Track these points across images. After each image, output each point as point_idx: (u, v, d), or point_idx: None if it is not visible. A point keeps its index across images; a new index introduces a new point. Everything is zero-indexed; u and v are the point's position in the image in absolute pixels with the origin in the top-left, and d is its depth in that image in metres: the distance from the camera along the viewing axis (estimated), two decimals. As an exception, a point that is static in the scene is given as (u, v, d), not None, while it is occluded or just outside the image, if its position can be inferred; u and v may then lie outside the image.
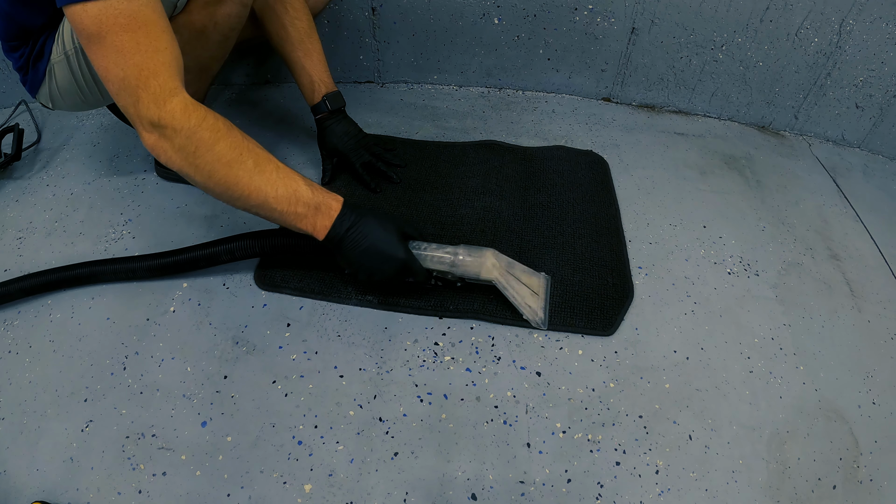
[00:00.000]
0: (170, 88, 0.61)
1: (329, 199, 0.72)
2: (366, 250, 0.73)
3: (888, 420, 0.80)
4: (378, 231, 0.73)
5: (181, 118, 0.61)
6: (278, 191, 0.67)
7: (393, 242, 0.74)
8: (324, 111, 1.05)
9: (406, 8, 1.31)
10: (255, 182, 0.65)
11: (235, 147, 0.64)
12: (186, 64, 0.91)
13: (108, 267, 0.88)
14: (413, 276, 0.78)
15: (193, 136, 0.62)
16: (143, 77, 0.60)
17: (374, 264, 0.75)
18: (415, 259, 0.77)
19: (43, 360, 0.82)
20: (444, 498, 0.69)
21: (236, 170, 0.64)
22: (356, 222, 0.72)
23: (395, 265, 0.75)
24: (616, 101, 1.44)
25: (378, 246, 0.73)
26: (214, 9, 0.85)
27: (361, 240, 0.72)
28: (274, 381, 0.80)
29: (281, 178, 0.67)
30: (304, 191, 0.69)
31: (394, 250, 0.74)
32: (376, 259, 0.74)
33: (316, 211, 0.70)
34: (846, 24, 1.21)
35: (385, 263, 0.74)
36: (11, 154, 1.14)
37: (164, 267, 0.87)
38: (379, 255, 0.73)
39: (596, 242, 1.01)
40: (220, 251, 0.85)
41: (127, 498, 0.68)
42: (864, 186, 1.25)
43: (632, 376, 0.82)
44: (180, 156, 0.63)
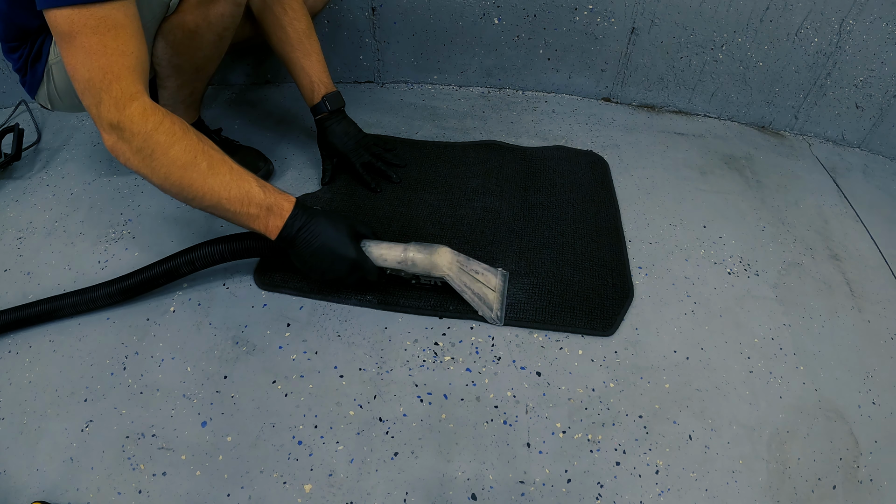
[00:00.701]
0: (131, 93, 0.63)
1: (281, 200, 0.73)
2: (317, 250, 0.74)
3: (888, 420, 0.80)
4: (329, 230, 0.74)
5: (139, 122, 0.63)
6: (231, 192, 0.68)
7: (344, 242, 0.75)
8: (323, 111, 1.05)
9: (406, 8, 1.31)
10: (209, 184, 0.67)
11: (190, 150, 0.66)
12: (181, 64, 0.92)
13: (67, 301, 0.82)
14: (365, 274, 0.79)
15: (150, 139, 0.64)
16: (107, 80, 0.62)
17: (325, 263, 0.76)
18: (366, 258, 0.79)
19: (43, 360, 0.82)
20: (444, 498, 0.69)
21: (190, 172, 0.66)
22: (308, 222, 0.74)
23: (346, 264, 0.76)
24: (616, 101, 1.44)
25: (329, 245, 0.74)
26: (207, 9, 0.85)
27: (313, 239, 0.74)
28: (274, 381, 0.80)
29: (234, 179, 0.69)
30: (257, 192, 0.70)
31: (344, 249, 0.75)
32: (327, 258, 0.75)
33: (268, 211, 0.72)
34: (846, 24, 1.21)
35: (336, 262, 0.76)
36: (11, 154, 1.14)
37: (124, 291, 0.82)
38: (330, 254, 0.75)
39: (596, 242, 1.01)
40: (180, 264, 0.81)
41: (127, 498, 0.68)
42: (864, 186, 1.25)
43: (632, 376, 0.82)
44: (137, 158, 0.65)
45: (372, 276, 0.80)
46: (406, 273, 0.83)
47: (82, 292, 0.83)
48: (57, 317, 0.84)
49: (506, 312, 0.87)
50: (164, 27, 0.86)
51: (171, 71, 0.93)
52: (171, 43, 0.88)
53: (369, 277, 0.80)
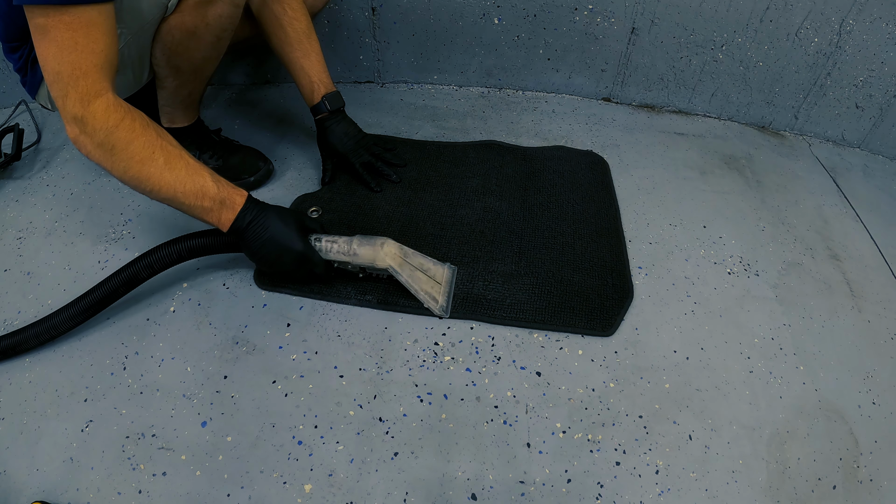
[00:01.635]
0: (96, 90, 0.66)
1: (234, 195, 0.76)
2: (266, 242, 0.77)
3: (888, 420, 0.80)
4: (277, 224, 0.77)
5: (101, 118, 0.66)
6: (186, 186, 0.72)
7: (291, 235, 0.78)
8: (323, 111, 1.05)
9: (406, 8, 1.31)
10: (165, 178, 0.70)
11: (148, 146, 0.69)
12: (179, 65, 0.92)
13: (29, 333, 0.78)
14: (312, 266, 0.82)
15: (111, 135, 0.67)
16: (75, 76, 0.65)
17: (273, 255, 0.79)
18: (313, 251, 0.81)
19: (43, 360, 0.82)
20: (444, 498, 0.69)
21: (148, 167, 0.69)
22: (258, 216, 0.77)
23: (293, 256, 0.79)
24: (616, 101, 1.44)
25: (277, 238, 0.77)
26: (206, 9, 0.85)
27: (262, 232, 0.77)
28: (274, 381, 0.80)
29: (189, 174, 0.72)
30: (211, 186, 0.73)
31: (292, 242, 0.78)
32: (275, 250, 0.78)
33: (221, 205, 0.75)
34: (846, 24, 1.21)
35: (284, 255, 0.79)
36: (11, 154, 1.14)
37: (86, 309, 0.80)
38: (278, 246, 0.78)
39: (596, 243, 1.01)
40: (139, 269, 0.80)
41: (127, 498, 0.68)
42: (864, 186, 1.25)
43: (632, 376, 0.82)
44: (99, 151, 0.68)
45: (319, 268, 0.82)
46: (353, 266, 0.84)
47: (44, 321, 0.79)
48: (21, 350, 0.80)
49: (452, 305, 0.88)
50: (163, 28, 0.86)
51: (170, 71, 0.93)
52: (170, 44, 0.88)
53: (316, 270, 0.82)
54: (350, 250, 0.82)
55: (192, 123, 1.08)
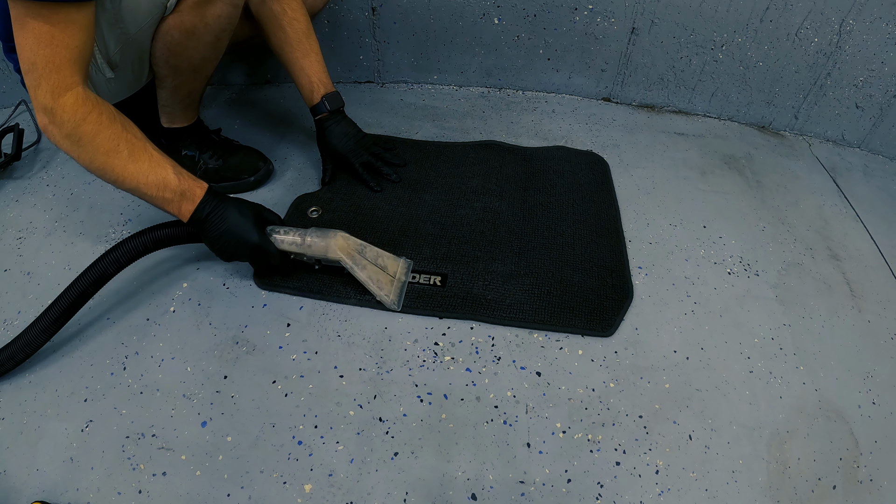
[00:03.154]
0: (67, 84, 0.69)
1: (194, 187, 0.79)
2: (223, 233, 0.80)
3: (888, 420, 0.80)
4: (235, 216, 0.80)
5: (70, 111, 0.69)
6: (149, 178, 0.75)
7: (248, 227, 0.81)
8: (323, 112, 1.05)
9: (406, 8, 1.31)
10: (129, 169, 0.73)
11: (114, 139, 0.72)
12: (178, 65, 0.92)
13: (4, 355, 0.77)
14: (268, 257, 0.84)
15: (78, 128, 0.70)
16: (48, 69, 0.67)
17: (230, 245, 0.82)
18: (269, 242, 0.83)
19: (43, 360, 0.82)
20: (444, 498, 0.69)
21: (113, 158, 0.72)
22: (216, 208, 0.80)
23: (248, 247, 0.81)
24: (616, 101, 1.44)
25: (233, 229, 0.80)
26: (205, 10, 0.85)
27: (220, 223, 0.80)
28: (274, 381, 0.80)
29: (152, 166, 0.75)
30: (172, 178, 0.76)
31: (248, 234, 0.81)
32: (232, 241, 0.81)
33: (182, 196, 0.78)
34: (846, 24, 1.21)
35: (240, 245, 0.81)
36: (11, 154, 1.14)
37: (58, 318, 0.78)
38: (234, 237, 0.80)
39: (595, 243, 1.01)
40: (107, 265, 0.80)
41: (127, 498, 0.68)
42: (864, 186, 1.25)
43: (632, 376, 0.82)
44: (67, 142, 0.71)
45: (274, 259, 0.85)
46: (307, 257, 0.87)
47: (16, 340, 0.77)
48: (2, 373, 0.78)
49: (404, 299, 0.89)
50: (162, 28, 0.86)
51: (169, 71, 0.93)
52: (169, 44, 0.88)
53: (272, 261, 0.85)
54: (303, 242, 0.84)
55: (192, 123, 1.08)
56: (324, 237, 0.84)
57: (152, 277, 0.94)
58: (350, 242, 0.86)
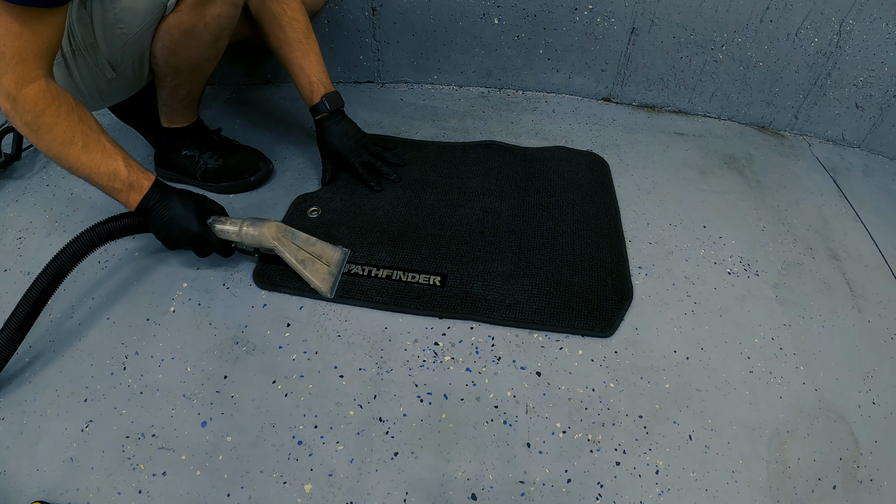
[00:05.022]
0: (32, 76, 0.72)
1: (142, 179, 0.83)
2: (166, 222, 0.84)
3: (888, 420, 0.80)
4: (177, 207, 0.84)
5: (31, 102, 0.72)
6: (100, 168, 0.79)
7: (189, 217, 0.84)
8: (323, 112, 1.05)
9: (406, 8, 1.31)
10: (82, 159, 0.77)
11: (70, 130, 0.76)
12: (178, 64, 0.92)
13: None
14: (209, 246, 0.88)
15: (38, 118, 0.73)
16: (15, 60, 0.70)
17: (173, 235, 0.85)
18: (210, 232, 0.87)
19: (43, 360, 0.82)
20: (444, 498, 0.69)
21: (68, 148, 0.76)
22: (161, 199, 0.84)
23: (190, 236, 0.85)
24: (616, 101, 1.44)
25: (176, 219, 0.84)
26: (204, 9, 0.85)
27: (164, 213, 0.84)
28: (274, 381, 0.80)
29: (104, 158, 0.79)
30: (122, 170, 0.80)
31: (189, 224, 0.85)
32: (175, 230, 0.85)
33: (130, 187, 0.81)
34: (846, 24, 1.21)
35: (182, 235, 0.85)
36: (11, 154, 1.14)
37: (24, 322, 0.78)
38: (177, 227, 0.84)
39: (595, 243, 1.01)
40: (65, 261, 0.80)
41: (127, 498, 0.68)
42: (864, 186, 1.25)
43: (632, 376, 0.82)
44: (26, 129, 0.75)
45: (215, 248, 0.89)
46: (246, 246, 0.91)
47: None
48: None
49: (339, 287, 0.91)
50: (161, 27, 0.86)
51: (169, 71, 0.93)
52: (168, 43, 0.88)
53: (214, 249, 0.89)
54: (241, 231, 0.87)
55: (191, 123, 1.08)
56: (258, 226, 0.87)
57: (152, 277, 0.94)
58: (284, 231, 0.89)
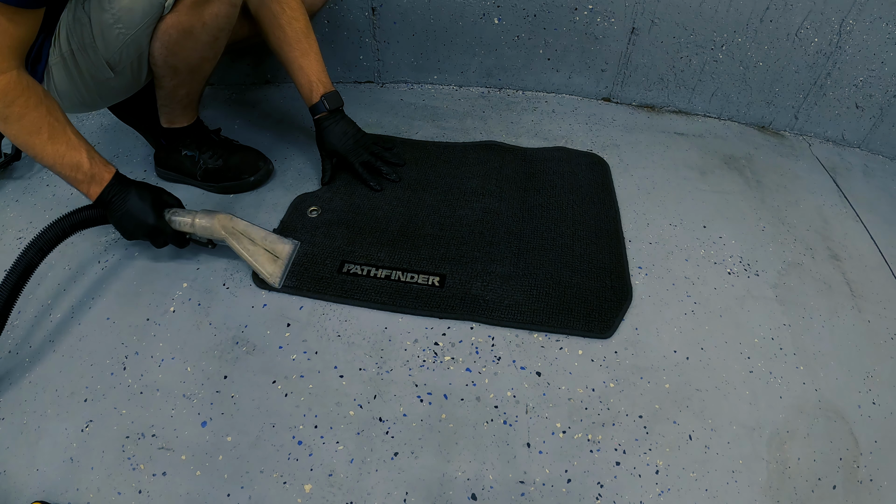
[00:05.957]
0: (3, 68, 0.74)
1: (103, 172, 0.85)
2: (124, 214, 0.87)
3: (888, 420, 0.80)
4: (134, 199, 0.87)
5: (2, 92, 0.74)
6: (64, 159, 0.81)
7: (145, 209, 0.87)
8: (322, 111, 1.05)
9: (406, 8, 1.31)
10: (47, 150, 0.80)
11: (37, 121, 0.78)
12: (176, 65, 0.92)
13: None
14: (164, 237, 0.91)
15: (7, 108, 0.75)
16: None
17: (130, 226, 0.88)
18: (166, 224, 0.90)
19: (43, 360, 0.82)
20: (444, 498, 0.69)
21: (34, 138, 0.79)
22: (119, 192, 0.86)
23: (146, 228, 0.88)
24: (616, 101, 1.44)
25: (133, 212, 0.87)
26: (202, 9, 0.85)
27: (122, 205, 0.87)
28: (274, 381, 0.80)
29: (69, 149, 0.81)
30: (85, 162, 0.83)
31: (145, 216, 0.88)
32: (131, 222, 0.88)
33: (91, 179, 0.84)
34: (846, 24, 1.21)
35: (138, 226, 0.88)
36: (11, 154, 1.14)
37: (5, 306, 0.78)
38: (133, 218, 0.87)
39: (595, 244, 1.01)
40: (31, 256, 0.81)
41: (127, 498, 0.68)
42: (864, 186, 1.25)
43: (632, 376, 0.82)
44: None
45: (170, 239, 0.92)
46: (200, 237, 0.93)
47: None
48: None
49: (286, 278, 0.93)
50: (160, 27, 0.86)
51: (167, 71, 0.93)
52: (167, 43, 0.88)
53: (169, 241, 0.92)
54: (194, 223, 0.90)
55: (191, 123, 1.08)
56: (209, 218, 0.90)
57: (152, 277, 0.94)
58: (235, 223, 0.91)
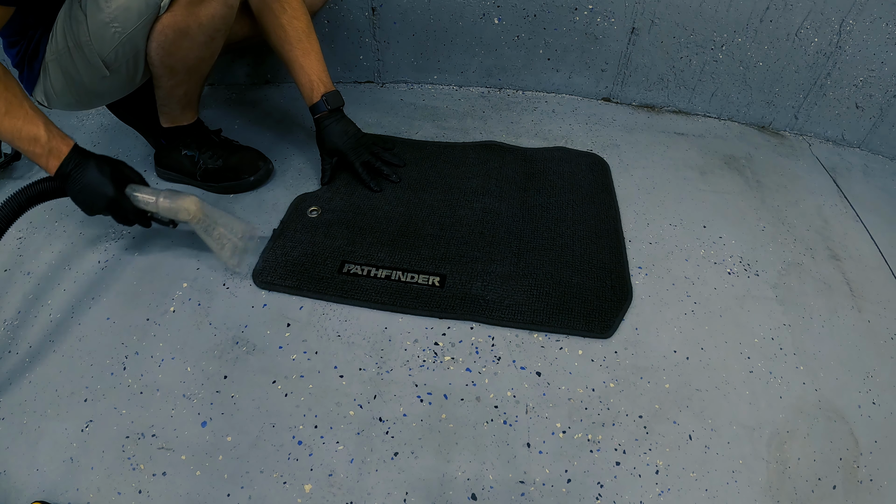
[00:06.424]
0: None
1: (61, 144, 0.84)
2: (83, 187, 0.85)
3: (888, 420, 0.80)
4: (93, 172, 0.85)
5: None
6: (22, 133, 0.81)
7: (104, 182, 0.85)
8: (323, 110, 1.05)
9: (406, 8, 1.31)
10: (5, 124, 0.79)
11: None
12: (173, 65, 0.92)
13: None
14: (124, 213, 0.89)
15: None
16: None
17: (88, 199, 0.86)
18: (125, 198, 0.88)
19: (43, 360, 0.82)
20: (444, 498, 0.69)
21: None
22: (79, 164, 0.85)
23: (104, 201, 0.86)
24: (616, 101, 1.44)
25: (92, 185, 0.85)
26: (198, 9, 0.85)
27: (80, 178, 0.85)
28: (274, 381, 0.80)
29: (26, 123, 0.81)
30: (43, 135, 0.82)
31: (104, 188, 0.85)
32: (90, 195, 0.86)
33: (49, 153, 0.83)
34: (846, 24, 1.21)
35: (97, 199, 0.86)
36: (11, 154, 1.14)
37: None
38: (92, 192, 0.85)
39: (595, 245, 1.01)
40: None
41: (127, 498, 0.68)
42: (864, 186, 1.25)
43: (632, 376, 0.82)
44: None
45: (130, 214, 0.89)
46: (161, 216, 0.91)
47: None
48: None
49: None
50: (156, 27, 0.86)
51: (164, 71, 0.93)
52: (163, 43, 0.88)
53: (129, 216, 0.89)
54: (157, 202, 0.88)
55: (191, 123, 1.07)
56: (174, 200, 0.88)
57: (152, 277, 0.94)
58: (196, 205, 0.89)
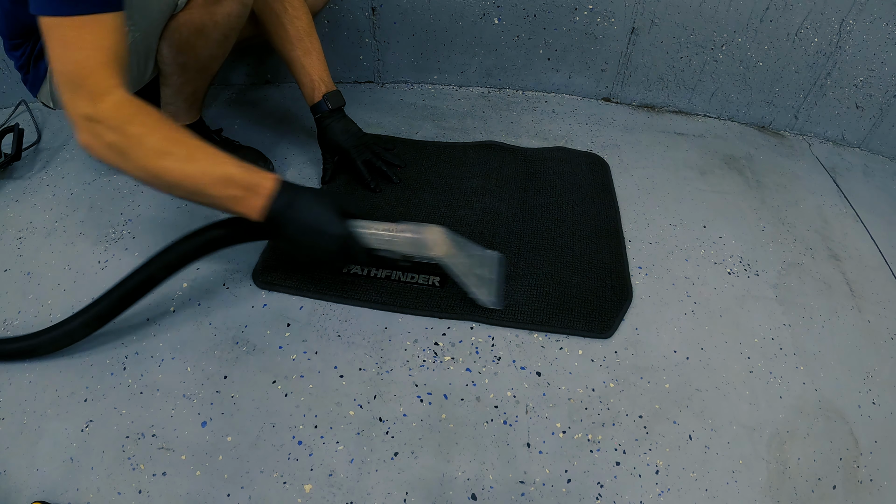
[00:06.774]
0: (105, 87, 0.63)
1: (261, 180, 0.71)
2: (304, 227, 0.72)
3: (888, 420, 0.80)
4: (316, 207, 0.72)
5: (111, 115, 0.63)
6: (211, 176, 0.68)
7: (332, 219, 0.73)
8: (324, 110, 1.05)
9: (406, 8, 1.31)
10: (187, 170, 0.67)
11: (165, 139, 0.66)
12: (185, 62, 0.92)
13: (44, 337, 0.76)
14: (355, 254, 0.76)
15: (124, 132, 0.64)
16: (82, 74, 0.62)
17: (312, 241, 0.73)
18: (357, 235, 0.75)
19: (43, 359, 0.81)
20: (444, 498, 0.69)
21: (166, 160, 0.66)
22: (293, 200, 0.71)
23: (334, 241, 0.73)
24: (616, 101, 1.44)
25: (317, 223, 0.72)
26: (215, 8, 0.86)
27: (298, 216, 0.71)
28: (274, 381, 0.80)
29: (212, 164, 0.68)
30: (237, 173, 0.69)
31: (333, 227, 0.72)
32: (315, 235, 0.72)
33: (249, 192, 0.70)
34: (846, 24, 1.21)
35: (325, 240, 0.73)
36: (11, 154, 1.13)
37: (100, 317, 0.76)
38: (317, 231, 0.72)
39: (595, 244, 1.01)
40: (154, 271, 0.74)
41: (127, 498, 0.68)
42: (864, 186, 1.25)
43: (632, 376, 0.82)
44: (111, 153, 0.65)
45: (361, 255, 0.76)
46: (396, 253, 0.78)
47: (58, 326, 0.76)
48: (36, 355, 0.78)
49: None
50: (171, 25, 0.86)
51: (176, 69, 0.93)
52: (178, 41, 0.88)
53: (359, 259, 0.77)
54: (396, 238, 0.74)
55: (194, 122, 1.08)
56: (419, 231, 0.75)
57: (152, 277, 0.94)
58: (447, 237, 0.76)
